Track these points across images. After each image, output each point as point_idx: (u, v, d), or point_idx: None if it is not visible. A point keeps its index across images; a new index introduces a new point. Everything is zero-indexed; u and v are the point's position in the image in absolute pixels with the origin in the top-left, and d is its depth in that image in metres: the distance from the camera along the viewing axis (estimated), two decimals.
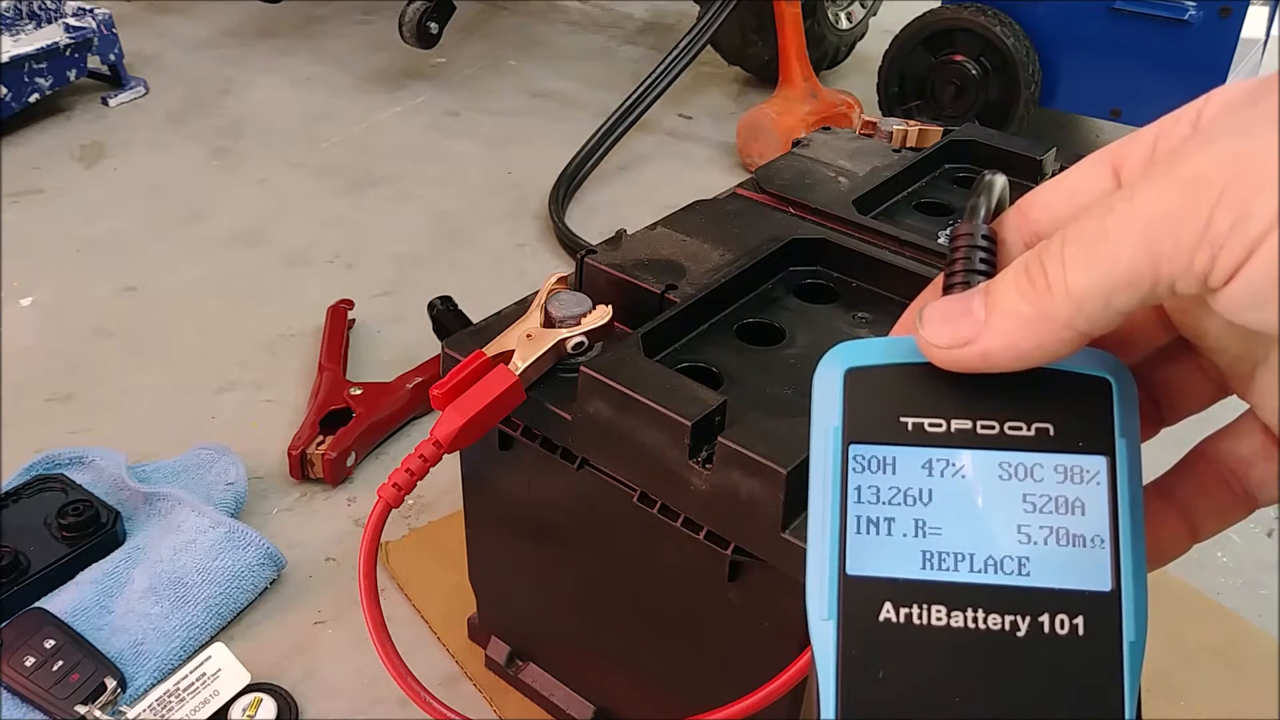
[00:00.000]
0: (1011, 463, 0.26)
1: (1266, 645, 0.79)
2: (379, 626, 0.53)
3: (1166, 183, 0.23)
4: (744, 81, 1.83)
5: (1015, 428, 0.27)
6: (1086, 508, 0.26)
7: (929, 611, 0.26)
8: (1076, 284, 0.24)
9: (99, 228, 1.32)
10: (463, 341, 0.57)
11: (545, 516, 0.62)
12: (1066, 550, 0.26)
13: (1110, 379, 0.27)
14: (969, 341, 0.26)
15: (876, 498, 0.27)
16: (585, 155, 1.45)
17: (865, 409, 0.27)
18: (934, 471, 0.27)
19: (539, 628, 0.69)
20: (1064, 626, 0.25)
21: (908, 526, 0.27)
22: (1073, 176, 0.28)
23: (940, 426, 0.27)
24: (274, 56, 1.86)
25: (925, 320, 0.27)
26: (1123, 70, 1.42)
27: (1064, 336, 0.25)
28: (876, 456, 0.27)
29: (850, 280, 0.64)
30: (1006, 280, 0.26)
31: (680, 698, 0.59)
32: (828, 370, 0.28)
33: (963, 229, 0.28)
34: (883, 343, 0.28)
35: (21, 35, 1.54)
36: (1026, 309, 0.25)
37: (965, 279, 0.27)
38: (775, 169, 0.75)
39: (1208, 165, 0.22)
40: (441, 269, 1.26)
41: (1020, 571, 0.26)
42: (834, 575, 0.27)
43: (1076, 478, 0.26)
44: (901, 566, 0.26)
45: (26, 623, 0.73)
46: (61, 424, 0.98)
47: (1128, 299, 0.24)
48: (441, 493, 0.90)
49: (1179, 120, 0.26)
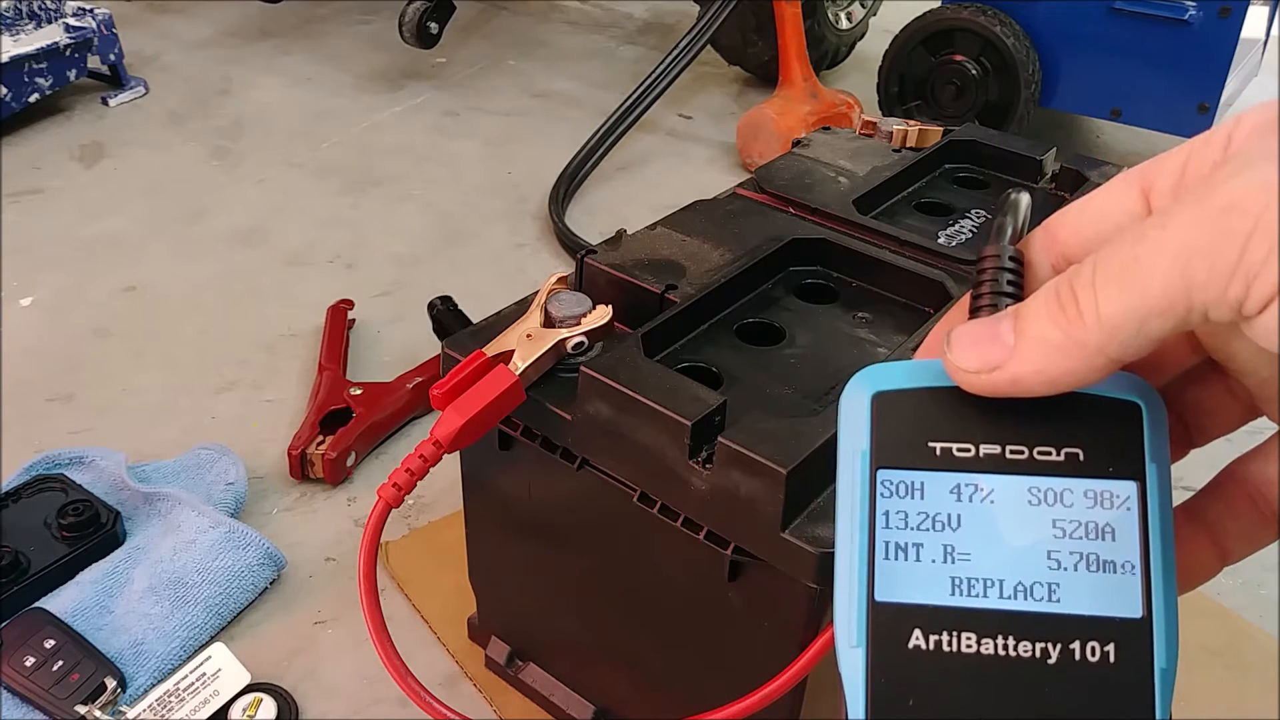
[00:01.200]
0: (1041, 488, 0.26)
1: (1266, 645, 0.79)
2: (379, 626, 0.53)
3: (1200, 211, 0.23)
4: (744, 81, 1.83)
5: (1044, 452, 0.26)
6: (1117, 533, 0.26)
7: (959, 638, 0.26)
8: (1108, 311, 0.24)
9: (99, 228, 1.32)
10: (463, 341, 0.57)
11: (545, 516, 0.62)
12: (1097, 576, 0.26)
13: (1140, 403, 0.27)
14: (998, 366, 0.26)
15: (905, 523, 0.27)
16: (585, 155, 1.45)
17: (893, 433, 0.27)
18: (963, 497, 0.27)
19: (539, 628, 0.69)
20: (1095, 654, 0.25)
21: (936, 552, 0.26)
22: (1101, 197, 0.27)
23: (969, 451, 0.27)
24: (274, 56, 1.86)
25: (953, 344, 0.27)
26: (1123, 70, 1.43)
27: (1095, 363, 0.24)
28: (905, 481, 0.27)
29: (850, 280, 0.64)
30: (1036, 305, 0.25)
31: (680, 698, 0.59)
32: (855, 394, 0.28)
33: (989, 250, 0.28)
34: (910, 366, 0.28)
35: (21, 35, 1.54)
36: (1057, 335, 0.25)
37: (993, 301, 0.27)
38: (775, 169, 0.75)
39: (1241, 194, 0.22)
40: (441, 269, 1.26)
41: (1050, 598, 0.26)
42: (863, 601, 0.26)
43: (1106, 503, 0.26)
44: (931, 593, 0.26)
45: (26, 623, 0.73)
46: (61, 424, 0.98)
47: (1160, 326, 0.23)
48: (441, 493, 0.90)
49: (1209, 143, 0.26)
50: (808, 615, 0.50)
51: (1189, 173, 0.26)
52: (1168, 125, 1.45)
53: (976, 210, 0.73)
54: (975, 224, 0.71)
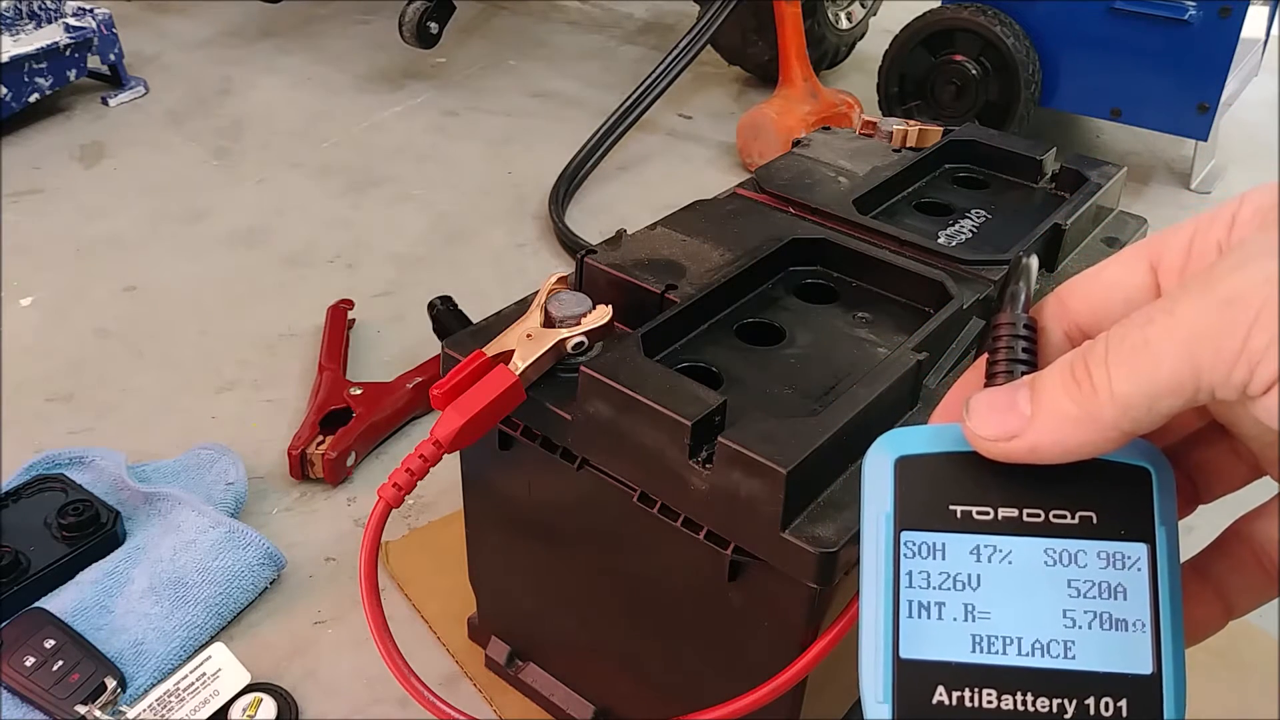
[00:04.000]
0: (1056, 549, 0.27)
1: (1266, 645, 0.79)
2: (381, 626, 0.53)
3: (1204, 299, 0.24)
4: (744, 81, 1.83)
5: (1060, 515, 0.28)
6: (1128, 593, 0.27)
7: (980, 694, 0.27)
8: (1121, 389, 0.25)
9: (99, 228, 1.32)
10: (463, 341, 0.57)
11: (545, 516, 0.62)
12: (1110, 634, 0.27)
13: (1150, 468, 0.28)
14: (1016, 435, 0.27)
15: (928, 582, 0.28)
16: (585, 155, 1.45)
17: (916, 496, 0.28)
18: (982, 557, 0.28)
19: (539, 628, 0.69)
20: (1108, 709, 0.26)
21: (958, 611, 0.27)
22: (1111, 270, 0.29)
23: (988, 514, 0.28)
24: (274, 56, 1.86)
25: (972, 412, 0.28)
26: (1123, 70, 1.42)
27: (1109, 436, 0.26)
28: (927, 543, 0.28)
29: (850, 280, 0.64)
30: (1053, 379, 0.27)
31: (680, 697, 0.59)
32: (879, 457, 0.29)
33: (1004, 318, 0.30)
34: (930, 431, 0.29)
35: (21, 35, 1.54)
36: (1073, 409, 0.26)
37: (1009, 368, 0.29)
38: (775, 169, 0.75)
39: (1244, 286, 0.24)
40: (441, 269, 1.26)
41: (1066, 655, 0.27)
42: (888, 658, 0.27)
43: (1119, 564, 0.27)
44: (953, 650, 0.27)
45: (26, 623, 0.73)
46: (61, 424, 0.98)
47: (1170, 404, 0.25)
48: (441, 493, 0.90)
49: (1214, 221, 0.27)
50: (808, 615, 0.50)
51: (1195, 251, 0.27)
52: (1168, 125, 1.46)
53: (976, 210, 0.73)
54: (975, 224, 0.71)
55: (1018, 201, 0.76)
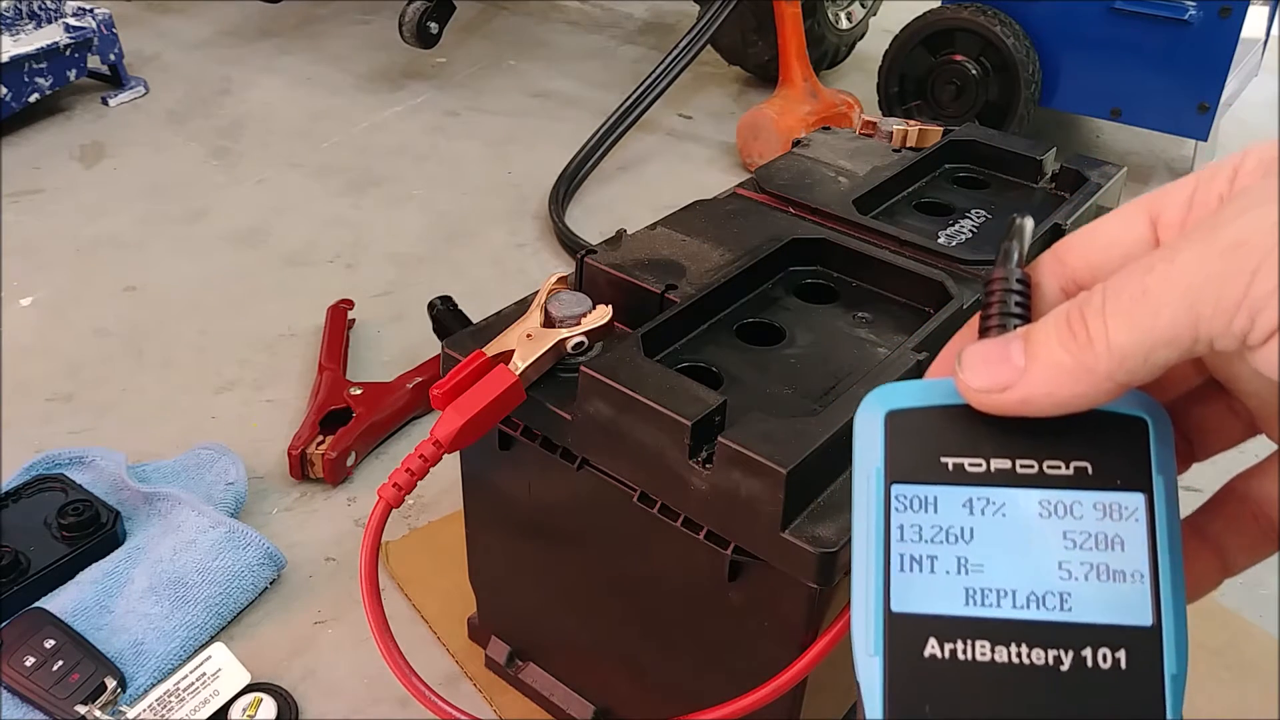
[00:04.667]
0: (1051, 500, 0.27)
1: (1266, 645, 0.79)
2: (381, 626, 0.53)
3: (1207, 247, 0.24)
4: (744, 81, 1.84)
5: (1054, 466, 0.27)
6: (1126, 544, 0.27)
7: (973, 647, 0.26)
8: (1117, 340, 0.25)
9: (99, 228, 1.32)
10: (463, 341, 0.57)
11: (545, 516, 0.62)
12: (1107, 585, 0.26)
13: (1146, 418, 0.27)
14: (1009, 386, 0.26)
15: (919, 536, 0.27)
16: (585, 155, 1.45)
17: (906, 450, 0.28)
18: (975, 510, 0.27)
19: (539, 628, 0.69)
20: (1106, 660, 0.26)
21: (950, 564, 0.27)
22: (1110, 224, 0.28)
23: (980, 466, 0.28)
24: (274, 56, 1.86)
25: (964, 364, 0.27)
26: (1123, 70, 1.43)
27: (1103, 388, 0.25)
28: (918, 496, 0.28)
29: (850, 280, 0.64)
30: (1047, 329, 0.26)
31: (680, 697, 0.59)
32: (868, 413, 0.29)
33: (998, 273, 0.29)
34: (922, 385, 0.29)
35: (21, 35, 1.54)
36: (1067, 359, 0.26)
37: (1001, 322, 0.28)
38: (775, 169, 0.75)
39: (1247, 232, 0.23)
40: (441, 269, 1.26)
41: (1062, 607, 0.26)
42: (879, 612, 0.27)
43: (1115, 514, 0.27)
44: (945, 603, 0.27)
45: (26, 623, 0.73)
46: (61, 424, 0.98)
47: (1167, 355, 0.24)
48: (441, 493, 0.90)
49: (1216, 175, 0.27)
50: (808, 615, 0.50)
51: (1196, 204, 0.27)
52: (1168, 125, 1.46)
53: (976, 210, 0.73)
54: (975, 224, 0.71)
55: (1018, 201, 0.76)
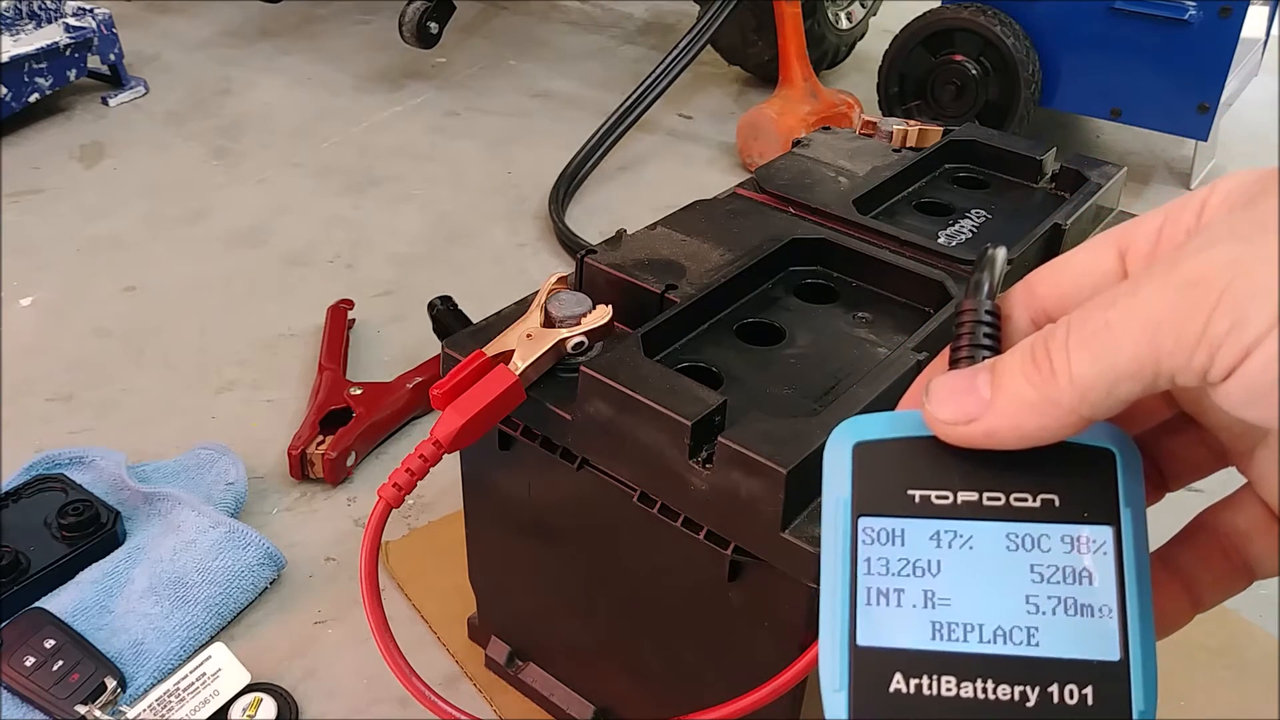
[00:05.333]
0: (1018, 533, 0.27)
1: (1266, 645, 0.79)
2: (381, 626, 0.53)
3: (1167, 282, 0.24)
4: (744, 81, 1.83)
5: (1021, 499, 0.27)
6: (1094, 577, 0.26)
7: (939, 682, 0.26)
8: (1080, 373, 0.25)
9: (99, 228, 1.32)
10: (463, 341, 0.57)
11: (545, 516, 0.62)
12: (1075, 620, 0.26)
13: (1114, 450, 0.27)
14: (975, 419, 0.26)
15: (886, 569, 0.27)
16: (585, 155, 1.45)
17: (873, 482, 0.28)
18: (942, 543, 0.27)
19: (539, 628, 0.69)
20: (1073, 696, 0.26)
21: (917, 597, 0.27)
22: (1080, 257, 0.28)
23: (947, 499, 0.27)
24: (274, 56, 1.86)
25: (931, 395, 0.27)
26: (1123, 70, 1.42)
27: (1067, 421, 0.25)
28: (885, 529, 0.27)
29: (850, 280, 0.64)
30: (1012, 362, 0.26)
31: (680, 697, 0.59)
32: (836, 444, 0.29)
33: (968, 304, 0.29)
34: (890, 417, 0.29)
35: (21, 35, 1.54)
36: (1031, 393, 0.25)
37: (970, 354, 0.28)
38: (775, 169, 0.75)
39: (1207, 269, 0.23)
40: (441, 269, 1.26)
41: (1029, 641, 0.26)
42: (845, 646, 0.27)
43: (1083, 548, 0.27)
44: (911, 637, 0.27)
45: (26, 623, 0.73)
46: (61, 424, 0.98)
47: (1129, 389, 0.24)
48: (441, 493, 0.90)
49: (1185, 208, 0.27)
50: (808, 615, 0.50)
51: (1164, 237, 0.27)
52: (1168, 125, 1.46)
53: (976, 210, 0.73)
54: (975, 224, 0.71)
55: (1018, 201, 0.76)
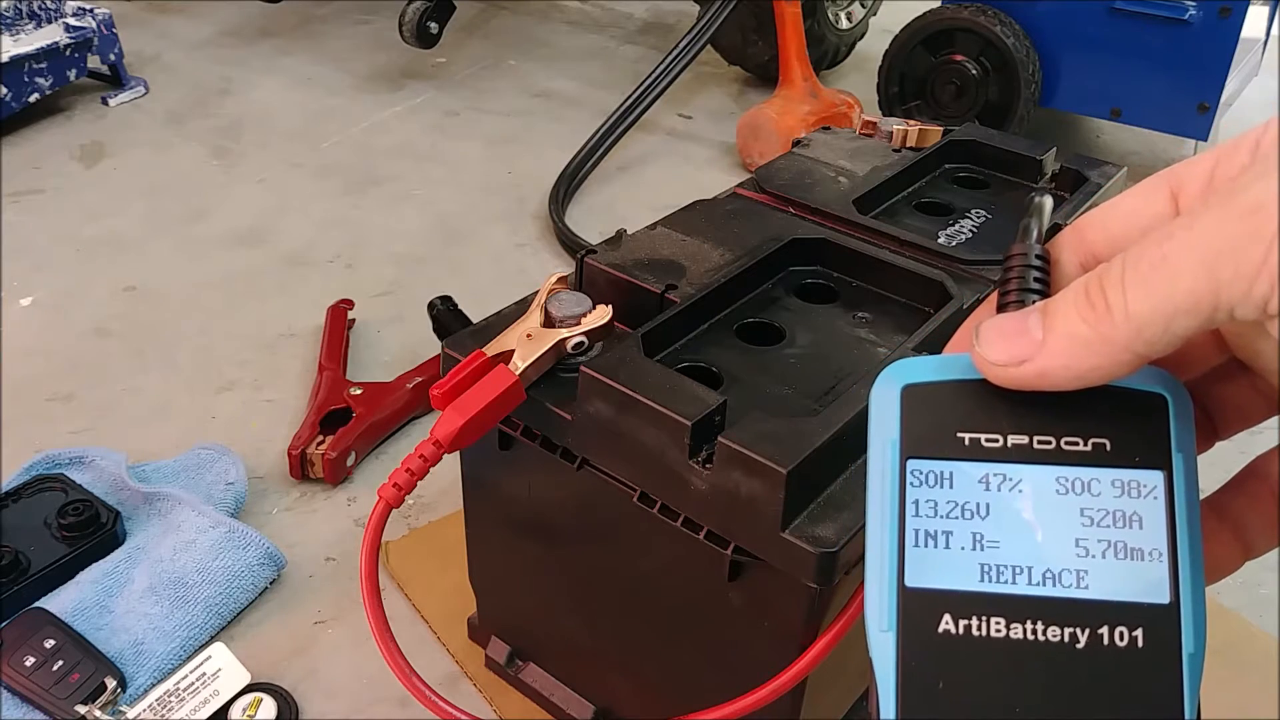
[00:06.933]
0: (1068, 477, 0.27)
1: (1266, 645, 0.79)
2: (381, 626, 0.53)
3: (1226, 212, 0.23)
4: (744, 81, 1.83)
5: (1072, 443, 0.27)
6: (1144, 521, 0.26)
7: (988, 623, 0.26)
8: (1136, 308, 0.24)
9: (99, 228, 1.32)
10: (463, 341, 0.57)
11: (545, 516, 0.62)
12: (1125, 563, 0.26)
13: (1166, 395, 0.27)
14: (1026, 360, 0.26)
15: (934, 511, 0.27)
16: (585, 155, 1.45)
17: (922, 425, 0.28)
18: (991, 486, 0.27)
19: (539, 628, 0.69)
20: (1123, 638, 0.26)
21: (966, 540, 0.27)
22: (1130, 199, 0.28)
23: (997, 441, 0.27)
24: (274, 56, 1.86)
25: (982, 338, 0.27)
26: (1123, 70, 1.42)
27: (1122, 359, 0.25)
28: (934, 471, 0.27)
29: (850, 280, 0.64)
30: (1065, 301, 0.26)
31: (680, 697, 0.59)
32: (884, 387, 0.28)
33: (1017, 248, 0.29)
34: (939, 360, 0.28)
35: (21, 35, 1.54)
36: (1085, 331, 0.25)
37: (1020, 297, 0.28)
38: (775, 169, 0.75)
39: (1267, 196, 0.23)
40: (441, 269, 1.26)
41: (1079, 584, 0.26)
42: (893, 587, 0.27)
43: (1134, 492, 0.27)
44: (960, 579, 0.27)
45: (26, 623, 0.73)
46: (61, 424, 0.98)
47: (1186, 324, 0.24)
48: (441, 493, 0.90)
49: (1238, 147, 0.26)
50: (808, 615, 0.50)
51: (1218, 176, 0.26)
52: (1168, 125, 1.46)
53: (977, 210, 0.73)
54: (975, 224, 0.71)
55: (1018, 201, 0.76)
